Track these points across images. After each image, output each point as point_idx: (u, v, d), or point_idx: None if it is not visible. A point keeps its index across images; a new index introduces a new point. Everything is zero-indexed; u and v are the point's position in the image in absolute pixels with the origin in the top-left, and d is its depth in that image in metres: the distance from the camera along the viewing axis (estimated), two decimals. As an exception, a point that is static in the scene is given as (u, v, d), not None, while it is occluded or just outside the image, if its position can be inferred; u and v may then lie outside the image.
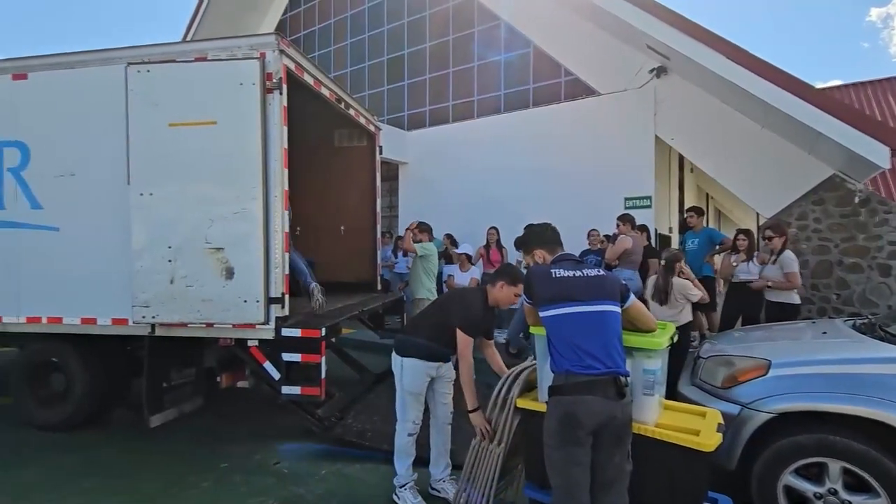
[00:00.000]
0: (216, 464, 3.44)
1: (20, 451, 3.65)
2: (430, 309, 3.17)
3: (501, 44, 8.91)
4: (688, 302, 4.36)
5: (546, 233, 2.43)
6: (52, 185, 3.76)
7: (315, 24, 12.05)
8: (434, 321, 2.95)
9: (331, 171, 5.97)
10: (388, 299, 5.50)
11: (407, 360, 2.90)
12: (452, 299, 3.07)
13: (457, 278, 5.70)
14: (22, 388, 4.09)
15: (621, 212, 6.18)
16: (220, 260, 3.36)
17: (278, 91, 3.37)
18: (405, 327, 3.20)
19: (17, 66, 3.82)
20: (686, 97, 6.93)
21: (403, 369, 2.91)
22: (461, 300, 2.96)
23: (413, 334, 2.97)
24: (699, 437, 2.03)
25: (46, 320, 3.81)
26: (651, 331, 2.24)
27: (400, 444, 2.96)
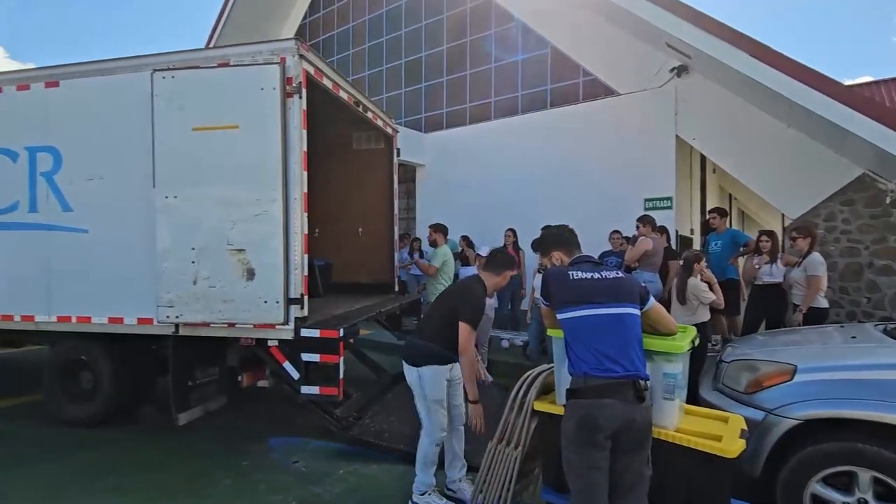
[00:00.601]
0: (237, 462, 3.51)
1: (50, 446, 3.77)
2: (435, 309, 3.06)
3: (518, 45, 8.89)
4: (700, 303, 4.27)
5: (563, 234, 2.42)
6: (82, 189, 3.89)
7: (334, 28, 12.21)
8: (442, 321, 2.86)
9: (349, 174, 6.04)
10: (406, 301, 5.53)
11: (424, 370, 2.84)
12: (460, 293, 2.96)
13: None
14: (52, 385, 4.22)
15: (641, 213, 6.10)
16: (242, 261, 3.42)
17: (298, 95, 3.42)
18: (414, 333, 3.10)
19: (49, 75, 3.96)
20: (708, 96, 6.81)
21: (422, 379, 2.85)
22: (469, 293, 2.90)
23: (424, 340, 2.90)
24: (721, 443, 1.99)
25: (76, 319, 3.93)
26: (672, 334, 2.20)
27: (427, 454, 2.89)
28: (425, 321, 3.12)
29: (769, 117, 6.24)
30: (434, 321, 2.93)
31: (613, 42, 7.67)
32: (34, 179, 3.98)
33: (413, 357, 2.89)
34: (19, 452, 3.64)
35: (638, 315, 2.04)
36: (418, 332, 3.03)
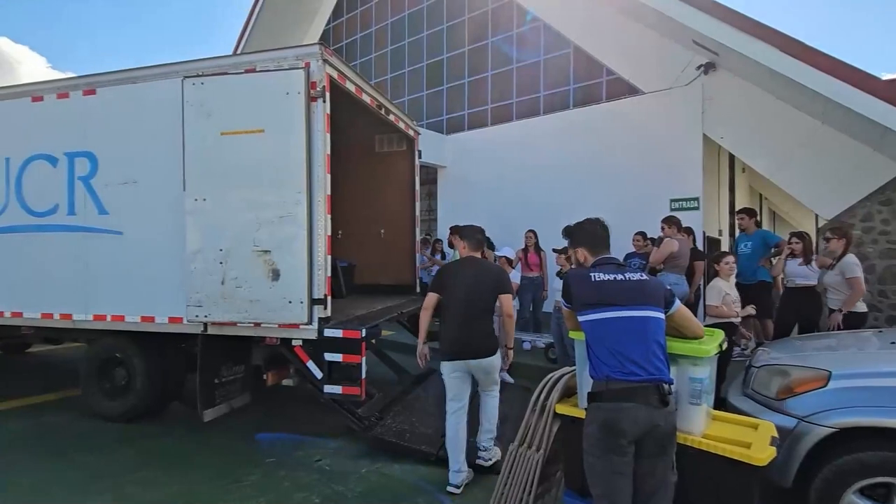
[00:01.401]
0: (262, 458, 3.58)
1: (88, 439, 3.92)
2: (475, 297, 3.18)
3: (541, 45, 8.84)
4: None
5: (596, 231, 2.29)
6: (117, 192, 4.04)
7: (357, 32, 12.37)
8: (489, 306, 3.24)
9: (371, 176, 6.10)
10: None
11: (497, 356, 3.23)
12: (497, 274, 3.36)
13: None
14: (89, 380, 4.39)
15: (667, 214, 5.97)
16: (267, 262, 3.50)
17: (322, 99, 3.48)
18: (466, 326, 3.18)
19: (87, 83, 4.14)
20: (736, 93, 6.63)
21: (495, 362, 3.23)
22: (499, 270, 3.45)
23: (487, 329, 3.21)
24: (751, 450, 1.93)
25: (111, 318, 4.08)
26: (698, 338, 2.15)
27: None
28: (475, 313, 3.18)
29: (802, 114, 6.04)
30: (483, 306, 3.22)
31: (638, 40, 7.55)
32: (73, 183, 4.16)
33: (491, 349, 3.17)
34: (60, 444, 3.80)
35: (662, 319, 1.99)
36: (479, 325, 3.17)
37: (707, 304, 4.09)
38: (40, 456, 3.59)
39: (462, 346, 3.15)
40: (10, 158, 4.35)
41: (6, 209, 4.37)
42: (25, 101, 4.31)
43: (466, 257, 3.39)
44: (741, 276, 5.44)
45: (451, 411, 3.20)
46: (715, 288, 4.09)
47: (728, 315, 3.95)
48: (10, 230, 4.36)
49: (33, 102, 4.29)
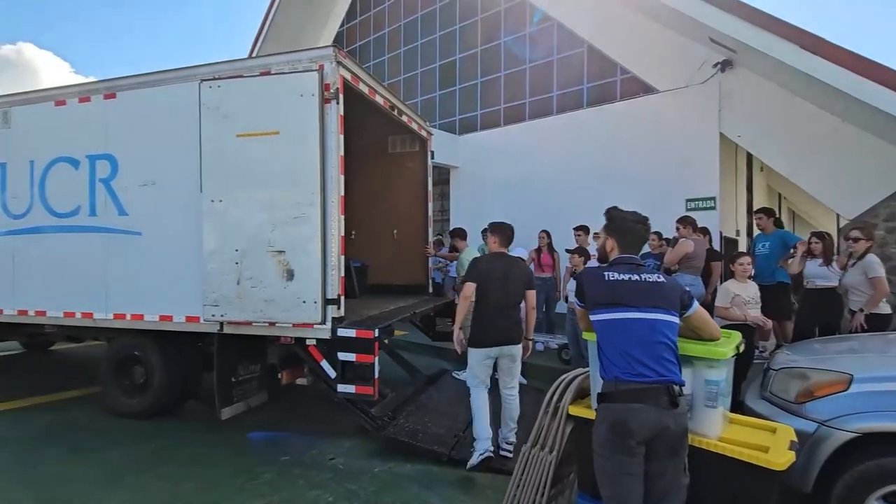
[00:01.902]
0: (277, 456, 3.62)
1: (108, 435, 4.01)
2: (510, 289, 3.46)
3: (554, 45, 8.79)
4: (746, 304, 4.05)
5: (636, 231, 2.16)
6: (136, 194, 4.13)
7: (370, 34, 12.44)
8: (520, 299, 3.52)
9: (384, 177, 6.13)
10: (440, 302, 5.56)
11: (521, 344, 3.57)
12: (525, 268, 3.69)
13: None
14: (109, 378, 4.49)
15: (682, 214, 5.89)
16: (282, 262, 3.54)
17: (335, 101, 3.51)
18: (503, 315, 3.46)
19: (108, 87, 4.23)
20: (754, 91, 6.52)
21: (520, 353, 3.57)
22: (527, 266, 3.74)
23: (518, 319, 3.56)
24: (769, 455, 1.90)
25: (130, 317, 4.17)
26: (714, 340, 2.12)
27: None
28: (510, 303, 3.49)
29: (822, 112, 5.92)
30: (516, 300, 3.51)
31: (653, 38, 7.47)
32: (94, 185, 4.26)
33: (520, 337, 3.55)
34: (83, 440, 3.89)
35: (675, 322, 1.96)
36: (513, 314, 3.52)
37: (715, 304, 4.02)
38: (64, 451, 3.68)
39: (499, 333, 3.43)
40: (34, 161, 4.46)
41: (31, 210, 4.49)
42: (49, 106, 4.43)
43: (498, 252, 3.63)
44: (759, 277, 5.34)
45: (476, 393, 3.49)
46: (724, 289, 4.02)
47: (734, 317, 3.85)
48: (35, 231, 4.48)
49: (56, 106, 4.40)
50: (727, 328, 2.58)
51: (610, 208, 2.25)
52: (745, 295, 3.96)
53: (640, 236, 2.18)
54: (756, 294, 4.07)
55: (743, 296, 3.95)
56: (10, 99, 4.62)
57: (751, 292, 4.05)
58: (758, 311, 4.00)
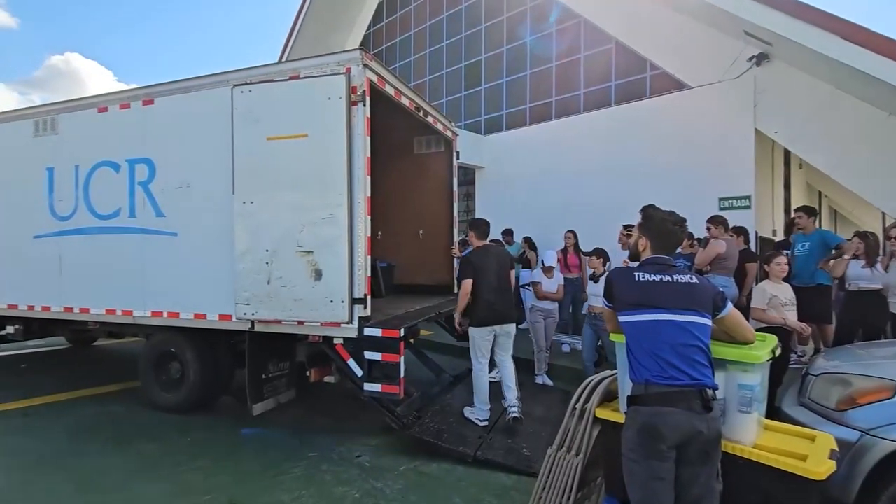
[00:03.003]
0: (305, 453, 3.70)
1: (145, 428, 4.18)
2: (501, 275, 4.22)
3: (581, 42, 8.67)
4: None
5: (671, 231, 2.10)
6: (172, 196, 4.29)
7: (396, 36, 12.55)
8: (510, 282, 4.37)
9: (410, 177, 6.17)
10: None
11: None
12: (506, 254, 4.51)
13: (544, 286, 5.40)
14: (147, 373, 4.68)
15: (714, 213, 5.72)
16: (310, 262, 3.62)
17: (362, 103, 3.56)
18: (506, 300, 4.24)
19: (147, 93, 4.41)
20: (792, 85, 6.27)
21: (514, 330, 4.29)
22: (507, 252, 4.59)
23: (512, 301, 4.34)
24: (807, 463, 1.83)
25: (167, 314, 4.33)
26: (748, 343, 2.05)
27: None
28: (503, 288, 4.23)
29: (865, 105, 5.64)
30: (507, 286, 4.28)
31: (684, 33, 7.27)
32: (133, 188, 4.44)
33: (514, 316, 4.28)
34: (121, 433, 4.07)
35: (707, 324, 1.91)
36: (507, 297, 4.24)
37: (752, 306, 3.86)
38: (103, 443, 3.85)
39: (497, 314, 4.12)
40: (79, 165, 4.69)
41: (76, 212, 4.72)
42: (92, 112, 4.65)
43: (481, 246, 4.32)
44: (798, 279, 5.14)
45: (480, 367, 4.10)
46: (760, 290, 3.86)
47: (772, 320, 3.69)
48: (79, 232, 4.71)
49: (99, 113, 4.62)
50: (762, 331, 2.49)
51: (646, 206, 2.20)
52: (781, 297, 3.80)
53: (675, 238, 2.12)
54: (792, 296, 3.90)
55: (780, 297, 3.80)
56: (58, 106, 4.87)
57: (787, 294, 3.88)
58: (794, 314, 3.84)
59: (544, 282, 5.45)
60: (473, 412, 4.13)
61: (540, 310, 5.46)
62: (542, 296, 5.42)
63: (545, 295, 5.42)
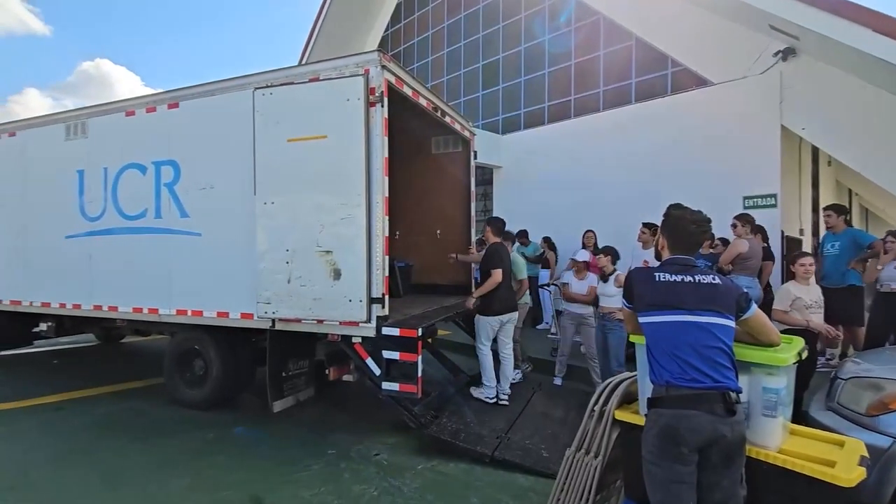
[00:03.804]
0: (324, 450, 3.75)
1: (168, 424, 4.29)
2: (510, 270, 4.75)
3: (600, 39, 8.57)
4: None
5: (687, 229, 2.04)
6: (197, 197, 4.39)
7: (414, 36, 12.60)
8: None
9: (427, 177, 6.19)
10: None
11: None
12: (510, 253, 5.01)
13: (574, 287, 5.07)
14: (172, 370, 4.80)
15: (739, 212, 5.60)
16: (329, 262, 3.66)
17: (380, 104, 3.58)
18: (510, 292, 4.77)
19: (172, 97, 4.52)
20: (820, 80, 6.08)
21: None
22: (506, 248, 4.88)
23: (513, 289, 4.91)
24: (835, 470, 1.77)
25: (191, 313, 4.43)
26: (773, 345, 2.00)
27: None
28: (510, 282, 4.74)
29: (899, 100, 5.43)
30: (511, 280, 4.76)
31: (706, 28, 7.12)
32: (159, 189, 4.56)
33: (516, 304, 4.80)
34: (145, 428, 4.18)
35: (730, 325, 1.87)
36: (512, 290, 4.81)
37: (773, 307, 3.74)
38: (130, 437, 3.97)
39: (505, 304, 4.60)
40: (107, 168, 4.84)
41: (105, 213, 4.87)
42: (120, 116, 4.79)
43: (498, 241, 4.72)
44: (827, 280, 4.99)
45: (485, 349, 4.54)
46: (784, 291, 3.74)
47: (794, 322, 3.58)
48: (108, 232, 4.86)
49: (127, 117, 4.75)
50: (788, 333, 2.42)
51: (671, 205, 2.15)
52: (807, 298, 3.69)
53: (691, 237, 2.05)
54: (819, 297, 3.79)
55: (805, 299, 3.68)
56: (88, 111, 5.04)
57: (813, 295, 3.76)
58: (820, 317, 3.72)
59: (573, 283, 5.11)
60: (482, 392, 4.51)
61: (570, 314, 5.13)
62: (570, 297, 5.09)
63: (573, 296, 5.06)
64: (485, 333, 4.56)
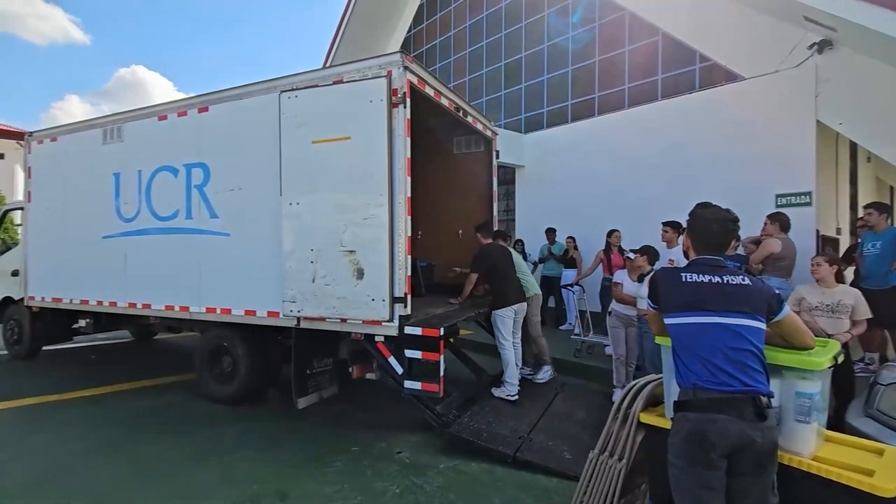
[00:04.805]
0: (347, 447, 3.80)
1: (198, 418, 4.42)
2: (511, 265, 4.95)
3: (626, 35, 8.41)
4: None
5: (710, 229, 1.99)
6: (225, 198, 4.51)
7: (436, 37, 12.62)
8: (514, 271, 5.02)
9: (449, 177, 6.20)
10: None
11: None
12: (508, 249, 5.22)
13: (626, 287, 4.76)
14: (202, 366, 4.94)
15: (771, 211, 5.41)
16: (353, 262, 3.71)
17: (403, 105, 3.61)
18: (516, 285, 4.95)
19: (201, 101, 4.66)
20: (858, 73, 5.83)
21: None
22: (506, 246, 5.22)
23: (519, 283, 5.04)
24: (874, 479, 1.70)
25: (220, 311, 4.56)
26: (807, 349, 1.93)
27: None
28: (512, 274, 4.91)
29: (946, 92, 5.16)
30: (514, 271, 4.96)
31: (736, 22, 6.91)
32: (190, 191, 4.71)
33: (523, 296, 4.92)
34: (176, 422, 4.32)
35: (761, 328, 1.81)
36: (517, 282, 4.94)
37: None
38: (159, 431, 4.10)
39: (514, 295, 4.74)
40: (141, 170, 5.02)
41: (139, 214, 5.05)
42: (153, 120, 4.96)
43: (493, 243, 4.98)
44: (868, 281, 4.79)
45: (508, 346, 4.59)
46: (794, 291, 3.62)
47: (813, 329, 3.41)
48: (142, 232, 5.04)
49: (159, 121, 4.92)
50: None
51: (697, 204, 2.08)
52: (813, 300, 3.55)
53: (714, 237, 1.98)
54: (837, 301, 3.55)
55: (809, 300, 3.55)
56: (123, 116, 5.24)
57: (829, 298, 3.56)
58: (839, 322, 3.50)
59: (626, 283, 4.80)
60: (503, 390, 4.53)
61: (619, 315, 4.85)
62: (620, 298, 4.81)
63: (623, 297, 4.76)
64: (504, 328, 4.60)
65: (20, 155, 14.05)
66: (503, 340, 4.61)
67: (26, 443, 3.86)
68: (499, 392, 4.53)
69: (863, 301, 3.54)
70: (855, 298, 3.56)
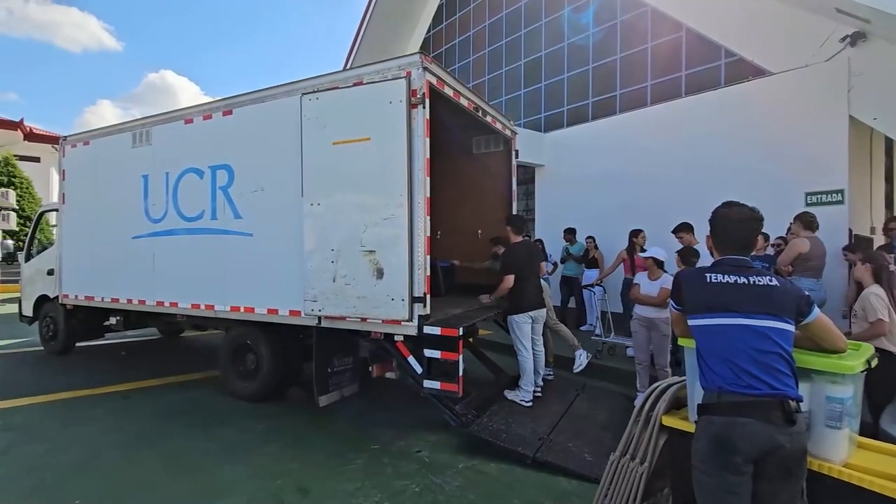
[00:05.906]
0: (368, 445, 3.84)
1: (223, 414, 4.52)
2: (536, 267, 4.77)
3: (648, 32, 8.27)
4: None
5: (732, 229, 1.94)
6: (249, 199, 4.60)
7: (456, 37, 12.63)
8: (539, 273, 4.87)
9: (469, 177, 6.20)
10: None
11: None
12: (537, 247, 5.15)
13: (643, 287, 4.72)
14: (227, 364, 5.06)
15: (802, 210, 5.25)
16: (373, 261, 3.74)
17: (422, 105, 3.63)
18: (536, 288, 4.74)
19: (226, 104, 4.76)
20: (894, 66, 5.60)
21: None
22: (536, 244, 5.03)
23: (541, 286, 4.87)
24: (909, 488, 1.64)
25: (244, 309, 4.66)
26: (838, 352, 1.87)
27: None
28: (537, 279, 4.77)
29: None
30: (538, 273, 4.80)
31: (763, 15, 6.72)
32: (215, 192, 4.82)
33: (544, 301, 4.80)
34: (203, 418, 4.43)
35: (789, 330, 1.75)
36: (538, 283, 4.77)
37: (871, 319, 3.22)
38: (188, 426, 4.21)
39: (533, 300, 4.58)
40: (168, 173, 5.17)
41: (166, 215, 5.20)
42: (180, 124, 5.10)
43: (523, 241, 4.74)
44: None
45: (526, 354, 4.47)
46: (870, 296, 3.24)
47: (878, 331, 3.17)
48: (169, 233, 5.18)
49: (185, 124, 5.06)
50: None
51: (723, 203, 2.02)
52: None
53: (736, 235, 1.93)
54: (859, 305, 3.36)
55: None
56: (151, 119, 5.40)
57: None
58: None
59: (643, 283, 4.76)
60: (517, 394, 4.45)
61: (639, 317, 4.75)
62: (635, 297, 4.77)
63: (640, 298, 4.71)
64: (521, 333, 4.50)
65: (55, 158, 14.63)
66: (520, 346, 4.51)
67: (63, 436, 4.01)
68: (512, 395, 4.47)
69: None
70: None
